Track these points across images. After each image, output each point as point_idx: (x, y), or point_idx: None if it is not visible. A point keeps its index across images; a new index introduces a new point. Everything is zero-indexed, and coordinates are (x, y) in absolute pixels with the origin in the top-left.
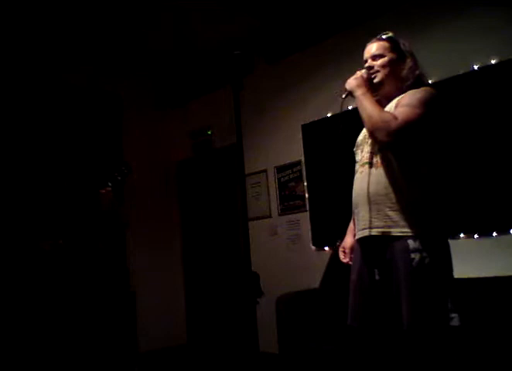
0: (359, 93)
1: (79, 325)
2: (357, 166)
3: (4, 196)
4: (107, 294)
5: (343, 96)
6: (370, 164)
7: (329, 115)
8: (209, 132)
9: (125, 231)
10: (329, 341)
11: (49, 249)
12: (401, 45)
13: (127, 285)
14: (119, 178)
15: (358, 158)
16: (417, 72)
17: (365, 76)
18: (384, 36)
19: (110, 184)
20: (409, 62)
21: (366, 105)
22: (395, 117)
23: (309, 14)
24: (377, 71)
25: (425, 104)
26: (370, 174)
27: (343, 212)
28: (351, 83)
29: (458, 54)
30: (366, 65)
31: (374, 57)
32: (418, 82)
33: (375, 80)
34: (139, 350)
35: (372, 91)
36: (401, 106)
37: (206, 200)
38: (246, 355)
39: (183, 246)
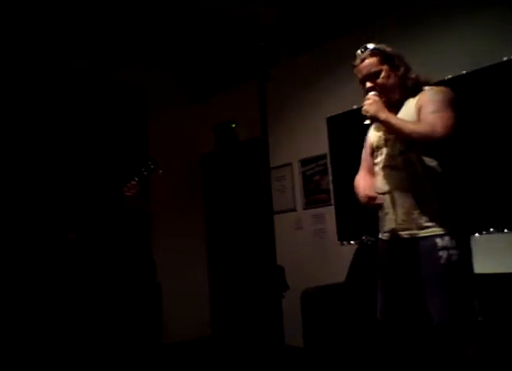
0: (383, 116)
1: (105, 316)
2: (377, 168)
3: (34, 190)
4: (133, 286)
5: (367, 122)
6: (392, 167)
7: (354, 107)
8: (234, 125)
9: (151, 224)
10: (354, 335)
11: (76, 240)
12: (388, 53)
13: (153, 277)
14: (145, 173)
15: (377, 160)
16: (412, 74)
17: (377, 98)
18: (368, 51)
19: (136, 179)
20: (402, 65)
21: (399, 126)
22: (433, 126)
23: (336, 4)
24: (381, 89)
25: (452, 104)
26: (393, 177)
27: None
28: (370, 109)
29: (461, 54)
30: (368, 86)
31: (371, 76)
32: (417, 81)
33: (383, 99)
34: (163, 342)
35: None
36: (429, 113)
37: (231, 193)
38: (271, 349)
39: (208, 239)
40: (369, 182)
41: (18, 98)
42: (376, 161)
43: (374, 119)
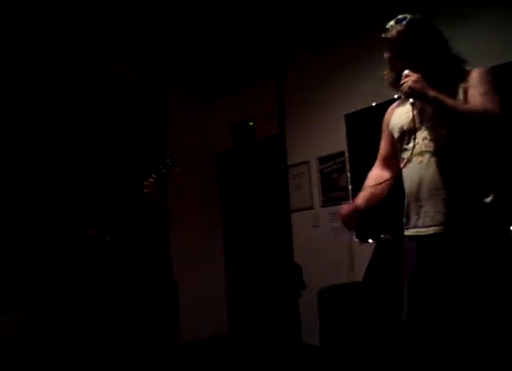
0: (432, 94)
1: (122, 314)
2: (408, 154)
3: (54, 188)
4: (151, 285)
5: (411, 101)
6: (433, 153)
7: (373, 104)
8: (251, 123)
9: (168, 222)
10: (371, 335)
11: (94, 236)
12: (427, 26)
13: (169, 276)
14: (163, 170)
15: (409, 145)
16: (451, 50)
17: (419, 75)
18: (404, 22)
19: (154, 176)
20: (440, 40)
21: (451, 105)
22: (486, 107)
23: (354, 1)
24: (420, 66)
25: (495, 88)
26: (433, 163)
27: (387, 204)
28: (416, 86)
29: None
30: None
31: (407, 52)
32: (455, 59)
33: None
34: (181, 340)
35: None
36: (479, 95)
37: (248, 191)
38: (288, 347)
39: (225, 237)
40: (371, 190)
41: (44, 99)
42: (408, 146)
43: (422, 97)
